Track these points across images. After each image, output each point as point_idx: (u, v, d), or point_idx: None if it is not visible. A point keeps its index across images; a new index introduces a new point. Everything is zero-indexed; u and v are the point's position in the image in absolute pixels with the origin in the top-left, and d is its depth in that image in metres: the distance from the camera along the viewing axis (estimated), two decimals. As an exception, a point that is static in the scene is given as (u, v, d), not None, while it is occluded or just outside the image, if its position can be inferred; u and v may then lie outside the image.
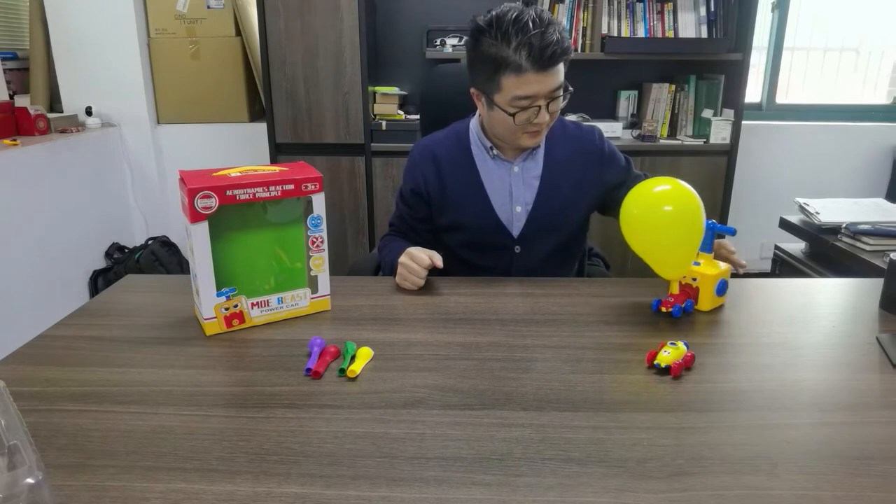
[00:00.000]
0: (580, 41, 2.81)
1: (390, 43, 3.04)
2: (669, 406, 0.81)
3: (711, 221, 1.11)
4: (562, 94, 1.21)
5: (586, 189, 1.35)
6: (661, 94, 2.96)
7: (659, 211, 1.06)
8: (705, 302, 1.10)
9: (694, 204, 1.05)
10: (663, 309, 1.09)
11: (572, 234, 1.39)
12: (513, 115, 1.19)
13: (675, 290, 1.13)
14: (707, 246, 1.12)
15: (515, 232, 1.34)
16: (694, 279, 1.11)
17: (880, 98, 3.37)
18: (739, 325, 1.07)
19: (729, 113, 2.81)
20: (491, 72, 1.17)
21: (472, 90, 1.27)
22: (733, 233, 1.11)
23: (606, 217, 1.52)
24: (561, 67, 1.18)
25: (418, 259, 1.20)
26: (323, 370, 0.89)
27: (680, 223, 1.06)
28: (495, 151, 1.33)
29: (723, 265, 1.12)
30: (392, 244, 1.35)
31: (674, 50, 2.82)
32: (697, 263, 1.12)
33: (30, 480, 0.53)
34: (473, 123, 1.36)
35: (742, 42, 2.75)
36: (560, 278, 1.36)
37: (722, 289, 1.11)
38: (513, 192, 1.33)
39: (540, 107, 1.19)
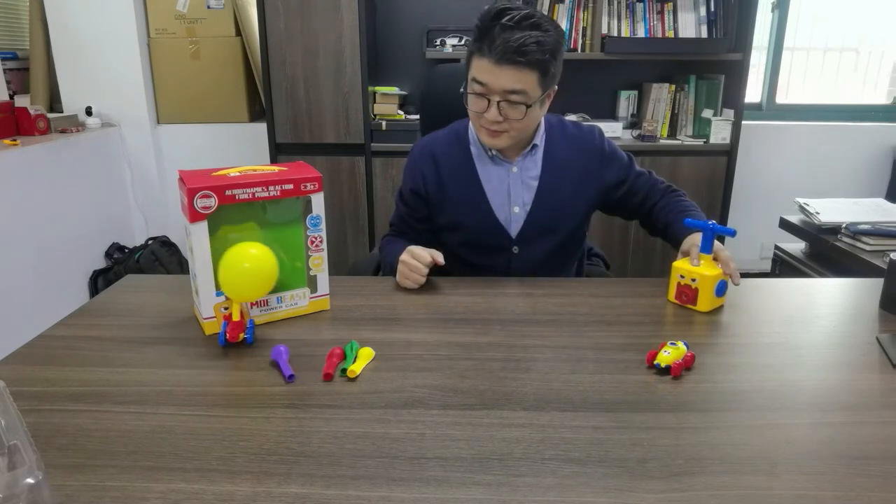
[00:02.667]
0: (580, 41, 2.81)
1: (390, 43, 3.04)
2: (669, 406, 0.81)
3: (711, 222, 1.10)
4: (519, 101, 1.18)
5: (585, 189, 1.35)
6: (661, 94, 2.96)
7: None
8: (704, 303, 1.10)
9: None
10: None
11: (571, 235, 1.38)
12: (464, 94, 1.22)
13: (237, 316, 0.97)
14: (707, 247, 1.11)
15: (514, 232, 1.34)
16: (693, 280, 1.10)
17: (880, 98, 3.37)
18: (739, 325, 1.07)
19: (729, 113, 2.81)
20: (470, 50, 1.22)
21: None
22: (733, 234, 1.11)
23: (610, 216, 1.51)
24: (523, 73, 1.15)
25: (419, 257, 1.20)
26: (333, 371, 0.89)
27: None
28: (494, 151, 1.32)
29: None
30: (392, 244, 1.35)
31: (674, 50, 2.82)
32: (697, 264, 1.10)
33: (30, 480, 0.53)
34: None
35: (742, 42, 2.75)
36: (560, 278, 1.36)
37: (721, 289, 1.11)
38: (511, 192, 1.33)
39: (490, 101, 1.19)
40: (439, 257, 1.20)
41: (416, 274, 1.20)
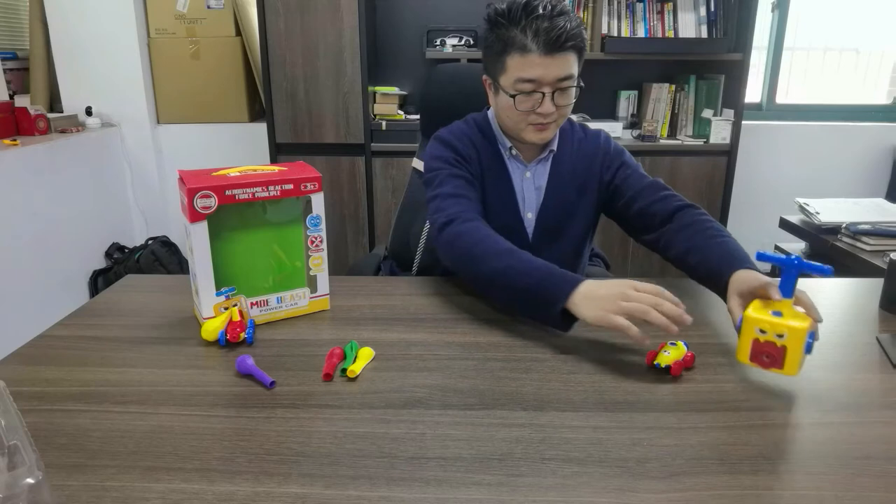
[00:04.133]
0: (580, 41, 2.81)
1: (390, 43, 3.04)
2: (669, 406, 0.81)
3: (796, 257, 0.83)
4: (572, 87, 1.17)
5: (589, 195, 1.31)
6: (661, 94, 2.96)
7: None
8: (793, 364, 0.82)
9: None
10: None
11: (578, 242, 1.34)
12: (513, 96, 1.16)
13: (237, 316, 0.98)
14: (788, 290, 0.84)
15: (529, 238, 1.31)
16: (780, 335, 0.81)
17: (880, 98, 3.37)
18: (739, 325, 1.07)
19: (729, 113, 2.81)
20: (499, 52, 1.16)
21: (484, 77, 1.25)
22: (830, 273, 0.81)
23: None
24: (570, 57, 1.15)
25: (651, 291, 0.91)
26: (333, 371, 0.88)
27: None
28: (514, 152, 1.28)
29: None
30: (496, 242, 1.06)
31: (674, 50, 2.82)
32: (778, 314, 0.83)
33: (30, 480, 0.53)
34: (493, 119, 1.30)
35: (742, 42, 2.75)
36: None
37: (811, 344, 0.82)
38: (525, 197, 1.30)
39: (544, 94, 1.15)
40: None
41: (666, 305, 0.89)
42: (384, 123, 2.76)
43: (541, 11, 1.12)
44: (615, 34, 2.81)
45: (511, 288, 1.01)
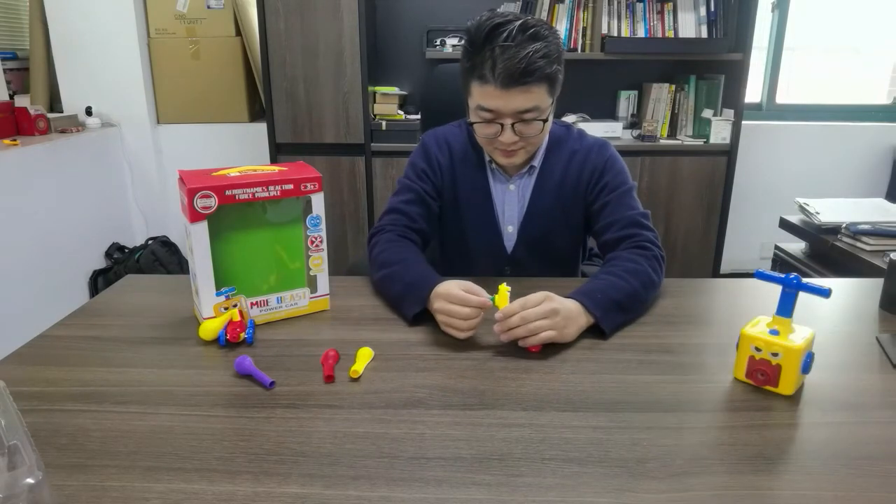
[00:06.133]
0: (580, 41, 2.81)
1: (390, 43, 3.04)
2: (669, 406, 0.81)
3: (794, 276, 0.84)
4: (534, 118, 1.11)
5: (575, 210, 1.27)
6: (661, 94, 2.96)
7: None
8: (788, 383, 0.83)
9: None
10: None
11: (565, 256, 1.33)
12: (473, 123, 1.15)
13: (237, 316, 0.99)
14: (787, 309, 0.85)
15: (508, 250, 1.30)
16: (775, 354, 0.83)
17: (880, 98, 3.37)
18: (738, 324, 1.07)
19: (729, 113, 2.81)
20: (466, 73, 1.13)
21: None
22: (827, 295, 0.83)
23: None
24: (534, 89, 1.08)
25: (461, 301, 0.97)
26: (333, 372, 0.88)
27: None
28: (494, 166, 1.27)
29: (807, 331, 0.85)
30: (397, 249, 1.16)
31: (674, 50, 2.82)
32: (775, 332, 0.84)
33: (30, 480, 0.53)
34: None
35: (742, 42, 2.75)
36: (559, 278, 1.35)
37: (808, 364, 0.84)
38: (506, 210, 1.28)
39: (503, 125, 1.11)
40: (482, 296, 0.98)
41: (463, 323, 0.96)
42: (384, 123, 2.76)
43: (502, 40, 1.04)
44: (615, 34, 2.81)
45: (386, 294, 1.14)
